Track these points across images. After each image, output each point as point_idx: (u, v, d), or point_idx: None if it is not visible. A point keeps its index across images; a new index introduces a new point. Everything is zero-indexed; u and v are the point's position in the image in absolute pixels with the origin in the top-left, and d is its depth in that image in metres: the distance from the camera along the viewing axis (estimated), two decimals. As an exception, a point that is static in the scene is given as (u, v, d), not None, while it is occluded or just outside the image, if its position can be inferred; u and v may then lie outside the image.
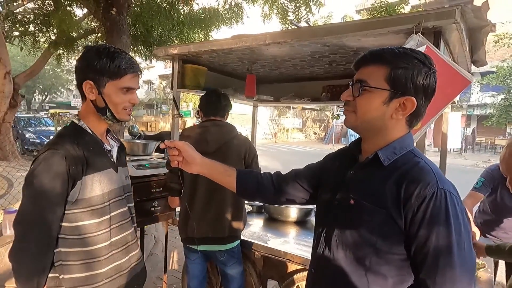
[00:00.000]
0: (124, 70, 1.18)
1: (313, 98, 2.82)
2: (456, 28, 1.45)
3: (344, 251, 0.96)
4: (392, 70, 0.89)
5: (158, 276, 3.34)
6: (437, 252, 0.81)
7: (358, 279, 0.93)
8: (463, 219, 0.84)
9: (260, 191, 1.24)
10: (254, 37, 1.93)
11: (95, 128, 1.25)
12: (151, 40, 7.37)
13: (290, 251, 2.00)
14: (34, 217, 1.09)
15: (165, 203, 2.26)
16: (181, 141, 1.17)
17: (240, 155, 2.01)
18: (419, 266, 0.85)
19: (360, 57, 0.96)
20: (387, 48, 0.93)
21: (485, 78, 15.87)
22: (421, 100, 0.91)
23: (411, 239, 0.85)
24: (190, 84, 2.43)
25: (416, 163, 0.91)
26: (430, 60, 0.92)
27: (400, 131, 0.95)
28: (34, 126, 12.86)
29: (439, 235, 0.81)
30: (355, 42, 1.78)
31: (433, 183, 0.84)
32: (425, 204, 0.83)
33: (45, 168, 1.09)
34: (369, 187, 0.94)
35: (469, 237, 0.84)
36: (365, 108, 0.93)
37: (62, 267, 1.15)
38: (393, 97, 0.90)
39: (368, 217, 0.91)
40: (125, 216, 1.31)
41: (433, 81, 0.91)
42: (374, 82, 0.91)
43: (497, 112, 16.62)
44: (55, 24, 6.11)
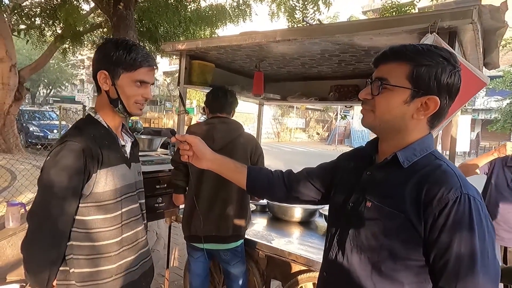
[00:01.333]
0: (140, 63, 1.18)
1: (320, 98, 2.79)
2: (472, 28, 1.42)
3: (358, 255, 0.92)
4: (415, 67, 0.84)
5: (159, 273, 3.32)
6: (459, 260, 0.77)
7: (373, 285, 0.89)
8: (487, 226, 0.79)
9: (271, 189, 1.21)
10: (263, 34, 1.91)
11: (110, 122, 1.25)
12: (158, 36, 7.36)
13: (294, 251, 1.98)
14: (49, 208, 1.09)
15: (169, 200, 2.24)
16: (192, 136, 1.15)
17: (246, 153, 1.99)
18: (438, 273, 0.81)
19: (380, 53, 0.91)
20: (409, 44, 0.88)
21: (491, 83, 15.75)
22: (445, 100, 0.86)
23: (431, 245, 0.81)
24: (197, 80, 2.41)
25: (438, 165, 0.86)
26: (455, 57, 0.87)
27: (420, 132, 0.91)
28: (38, 120, 12.88)
29: (461, 242, 0.77)
30: (367, 41, 1.74)
31: (457, 187, 0.80)
32: (448, 209, 0.78)
33: (63, 159, 1.09)
34: (387, 189, 0.89)
35: (493, 245, 0.79)
36: (385, 108, 0.89)
37: (72, 260, 1.15)
38: (415, 96, 0.85)
39: (385, 221, 0.87)
40: (136, 213, 1.31)
41: (457, 80, 0.86)
42: (395, 80, 0.86)
43: (502, 117, 16.50)
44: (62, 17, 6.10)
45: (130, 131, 1.42)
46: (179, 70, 2.43)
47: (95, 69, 1.20)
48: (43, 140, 9.36)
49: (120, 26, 5.05)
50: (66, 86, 34.92)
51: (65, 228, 1.12)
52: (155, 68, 1.24)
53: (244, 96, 2.76)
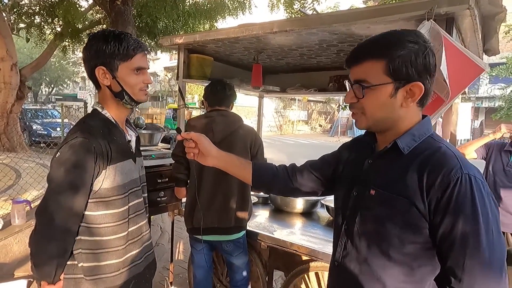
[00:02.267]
0: (133, 50, 1.18)
1: (320, 89, 2.78)
2: (469, 14, 1.40)
3: (367, 243, 0.94)
4: (389, 62, 0.85)
5: (164, 266, 3.37)
6: (465, 240, 0.78)
7: (384, 270, 0.91)
8: (490, 204, 0.80)
9: (276, 183, 1.23)
10: (260, 26, 1.90)
11: (116, 116, 1.25)
12: (156, 31, 7.34)
13: (296, 242, 1.99)
14: (59, 204, 1.10)
15: (171, 194, 2.26)
16: (198, 133, 1.16)
17: (246, 145, 2.00)
18: (445, 254, 0.83)
19: (350, 54, 0.92)
20: (375, 38, 0.89)
21: (494, 70, 15.56)
22: (427, 81, 0.87)
23: (436, 227, 0.82)
24: (196, 74, 2.41)
25: (438, 148, 0.87)
26: (422, 36, 0.88)
27: (414, 115, 0.92)
28: (41, 118, 12.95)
29: (465, 222, 0.78)
30: (364, 30, 1.73)
31: (457, 168, 0.81)
32: (450, 191, 0.79)
33: (74, 155, 1.10)
34: (389, 176, 0.91)
35: (497, 222, 0.81)
36: (373, 107, 0.90)
37: (81, 255, 1.17)
38: (399, 87, 0.87)
39: (390, 207, 0.88)
40: (141, 207, 1.33)
41: (432, 57, 0.87)
42: (374, 79, 0.87)
43: (506, 105, 16.34)
44: (60, 15, 6.09)
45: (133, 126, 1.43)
46: (178, 64, 2.43)
47: (90, 66, 1.19)
48: (47, 139, 9.40)
49: (118, 22, 5.04)
50: (68, 84, 35.01)
51: (74, 223, 1.14)
52: (147, 53, 1.25)
53: (243, 88, 2.76)
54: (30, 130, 11.71)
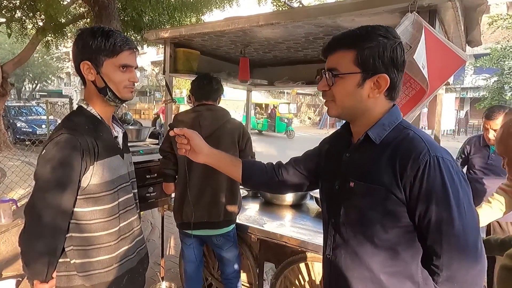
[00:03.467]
0: (120, 47, 1.17)
1: (307, 82, 2.79)
2: (451, 6, 1.42)
3: (353, 234, 0.97)
4: (359, 52, 0.90)
5: (155, 262, 3.36)
6: (439, 218, 0.83)
7: (371, 257, 0.94)
8: (460, 180, 0.85)
9: (264, 181, 1.27)
10: (246, 19, 1.89)
11: (102, 113, 1.25)
12: (142, 25, 7.22)
13: (286, 233, 2.01)
14: (47, 201, 1.09)
15: (160, 189, 2.25)
16: (190, 130, 1.19)
17: (234, 139, 2.00)
18: (424, 235, 0.87)
19: (326, 45, 0.97)
20: (349, 31, 0.94)
21: (478, 61, 15.86)
22: (393, 74, 0.92)
23: (413, 210, 0.87)
24: (182, 68, 2.39)
25: (406, 135, 0.92)
26: (393, 32, 0.93)
27: (382, 106, 0.96)
28: (26, 115, 12.65)
29: (438, 202, 0.83)
30: (350, 23, 1.74)
31: (425, 151, 0.85)
32: (420, 174, 0.84)
33: (59, 152, 1.09)
34: (365, 167, 0.95)
35: (468, 197, 0.86)
36: (342, 95, 0.95)
37: (73, 251, 1.17)
38: (366, 78, 0.91)
39: (370, 197, 0.92)
40: (130, 202, 1.33)
41: (400, 52, 0.92)
42: (344, 68, 0.92)
43: (489, 95, 16.69)
44: (42, 9, 5.93)
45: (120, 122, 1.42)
46: (164, 59, 2.41)
47: (76, 61, 1.19)
48: (32, 136, 9.20)
49: (102, 16, 4.94)
50: (52, 80, 34.24)
51: (63, 220, 1.13)
52: (135, 51, 1.24)
53: (231, 82, 2.75)
54: (14, 128, 11.46)
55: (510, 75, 15.25)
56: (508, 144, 1.17)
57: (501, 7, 20.67)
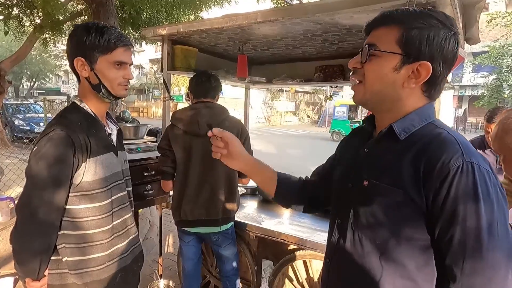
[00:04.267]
0: (114, 44, 1.16)
1: (306, 79, 2.79)
2: (449, 3, 1.42)
3: (359, 239, 0.86)
4: (405, 31, 0.78)
5: (154, 259, 3.37)
6: (465, 235, 0.71)
7: (376, 268, 0.83)
8: (497, 195, 0.72)
9: (298, 199, 1.17)
10: (244, 16, 1.88)
11: (95, 109, 1.24)
12: (140, 22, 7.18)
13: (284, 231, 2.01)
14: (38, 199, 1.08)
15: (158, 187, 2.25)
16: (231, 134, 1.08)
17: (232, 136, 1.99)
18: (444, 250, 0.75)
19: (372, 19, 0.85)
20: (401, 8, 0.82)
21: (477, 58, 15.87)
22: (439, 66, 0.78)
23: (434, 221, 0.74)
24: (180, 65, 2.38)
25: (438, 134, 0.78)
26: (451, 20, 0.79)
27: (416, 102, 0.83)
28: (23, 113, 12.64)
29: (466, 215, 0.70)
30: (348, 20, 1.74)
31: (458, 155, 0.72)
32: (449, 180, 0.71)
33: (51, 149, 1.08)
34: (383, 165, 0.83)
35: (504, 217, 0.72)
36: (374, 76, 0.82)
37: (65, 249, 1.16)
38: (406, 63, 0.78)
39: (384, 199, 0.80)
40: (124, 200, 1.32)
41: (453, 44, 0.78)
42: (384, 45, 0.80)
43: (488, 93, 16.73)
44: (40, 6, 5.89)
45: (116, 120, 1.42)
46: (162, 56, 2.40)
47: (70, 57, 1.18)
48: (30, 134, 9.18)
49: (100, 13, 4.91)
50: (50, 78, 34.12)
51: (55, 218, 1.12)
52: (131, 48, 1.23)
53: (229, 80, 2.74)
54: (12, 126, 11.44)
55: (508, 73, 15.29)
56: (503, 141, 1.17)
57: (500, 5, 20.66)
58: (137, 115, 26.89)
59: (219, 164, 1.96)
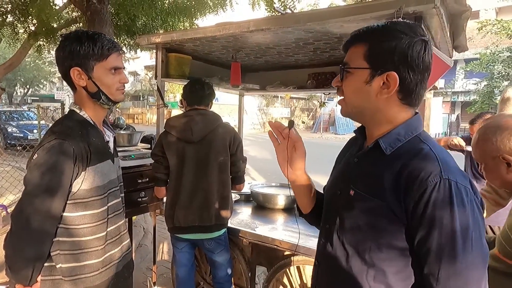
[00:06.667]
0: (108, 50, 1.19)
1: (299, 86, 2.82)
2: (436, 13, 1.46)
3: (344, 245, 0.90)
4: (370, 46, 0.84)
5: (148, 267, 3.35)
6: (440, 249, 0.74)
7: (359, 274, 0.87)
8: (473, 211, 0.75)
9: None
10: (237, 25, 1.91)
11: (94, 117, 1.25)
12: (135, 29, 7.20)
13: (278, 237, 2.02)
14: (36, 206, 1.09)
15: (152, 194, 2.25)
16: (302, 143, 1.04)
17: (225, 143, 2.01)
18: (422, 261, 0.78)
19: (345, 41, 0.92)
20: (368, 26, 0.87)
21: (469, 65, 16.09)
22: (407, 74, 0.81)
23: (413, 233, 0.78)
24: (174, 73, 2.40)
25: (420, 150, 0.82)
26: (414, 28, 0.83)
27: (397, 111, 0.87)
28: (17, 120, 12.54)
29: (441, 231, 0.74)
30: (338, 29, 1.78)
31: (436, 172, 0.76)
32: (427, 196, 0.75)
33: (52, 158, 1.09)
34: (369, 176, 0.87)
35: (479, 231, 0.76)
36: (350, 91, 0.89)
37: (59, 256, 1.16)
38: (374, 75, 0.83)
39: (367, 209, 0.85)
40: (119, 207, 1.34)
41: (419, 49, 0.81)
42: (354, 62, 0.87)
43: (480, 99, 16.91)
44: (34, 14, 5.91)
45: (112, 126, 1.43)
46: (156, 64, 2.42)
47: (64, 68, 1.19)
48: (23, 141, 9.11)
49: (95, 21, 4.92)
50: (44, 85, 33.96)
51: (52, 225, 1.13)
52: (122, 53, 1.26)
53: (223, 87, 2.77)
54: (5, 133, 11.35)
55: (499, 79, 15.49)
56: (483, 149, 1.16)
57: (490, 13, 21.04)
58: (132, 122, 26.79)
59: (212, 171, 1.99)
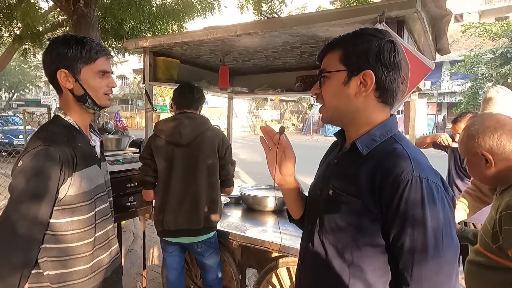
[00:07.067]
0: (97, 53, 1.19)
1: (287, 89, 2.85)
2: (418, 17, 1.50)
3: (324, 244, 0.93)
4: (344, 51, 0.90)
5: (138, 272, 3.32)
6: (413, 245, 0.78)
7: (340, 272, 0.90)
8: (443, 206, 0.79)
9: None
10: (225, 29, 1.93)
11: (80, 122, 1.24)
12: (123, 33, 7.15)
13: (267, 239, 2.04)
14: (23, 213, 1.07)
15: (141, 198, 2.24)
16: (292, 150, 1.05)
17: (213, 147, 2.02)
18: (397, 257, 0.82)
19: (319, 51, 0.97)
20: (340, 35, 0.94)
21: (454, 67, 16.42)
22: (380, 71, 0.87)
23: (388, 230, 0.82)
24: (162, 77, 2.40)
25: (393, 149, 0.86)
26: (382, 31, 0.91)
27: (375, 111, 0.91)
28: (2, 126, 12.28)
29: (414, 227, 0.78)
30: (324, 32, 1.81)
31: (408, 170, 0.79)
32: (400, 193, 0.78)
33: (38, 164, 1.08)
34: (347, 176, 0.91)
35: (450, 226, 0.80)
36: (330, 95, 0.92)
37: (47, 263, 1.15)
38: (351, 76, 0.88)
39: (345, 208, 0.88)
40: (107, 212, 1.33)
41: (389, 50, 0.87)
42: (331, 67, 0.92)
43: (465, 99, 17.26)
44: (19, 17, 5.82)
45: (99, 131, 1.42)
46: (144, 67, 2.42)
47: (51, 70, 1.18)
48: (8, 147, 8.92)
49: (81, 25, 4.88)
50: (30, 89, 33.33)
51: (39, 232, 1.11)
52: (110, 57, 1.26)
53: (211, 90, 2.78)
54: (-10, 139, 11.08)
55: (483, 81, 15.84)
56: (466, 145, 1.28)
57: (473, 16, 21.57)
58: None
59: (201, 174, 1.99)
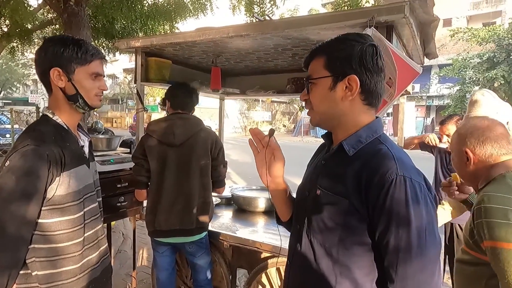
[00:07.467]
0: (92, 56, 1.20)
1: (278, 91, 2.87)
2: (406, 22, 1.54)
3: (312, 243, 0.95)
4: (328, 57, 0.92)
5: (127, 273, 3.30)
6: (397, 241, 0.81)
7: (328, 270, 0.91)
8: (426, 204, 0.82)
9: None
10: (217, 30, 1.94)
11: (68, 121, 1.24)
12: (114, 32, 7.10)
13: (258, 239, 2.05)
14: (10, 213, 1.07)
15: (131, 198, 2.24)
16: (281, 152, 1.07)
17: (206, 148, 2.03)
18: (383, 255, 0.85)
19: (305, 58, 1.00)
20: (323, 42, 0.97)
21: (442, 71, 16.71)
22: (364, 75, 0.90)
23: (374, 228, 0.84)
24: (154, 77, 2.40)
25: (379, 150, 0.89)
26: (364, 36, 0.94)
27: (361, 113, 0.94)
28: (-12, 125, 12.03)
29: (398, 225, 0.80)
30: (315, 35, 1.84)
31: (393, 170, 0.82)
32: (384, 192, 0.81)
33: (26, 163, 1.07)
34: (334, 176, 0.93)
35: (433, 224, 0.82)
36: (317, 100, 0.95)
37: (35, 263, 1.14)
38: (337, 81, 0.91)
39: (332, 208, 0.90)
40: (96, 212, 1.33)
41: (371, 54, 0.90)
42: (317, 73, 0.94)
43: (453, 103, 17.56)
44: (7, 15, 5.74)
45: (88, 131, 1.42)
46: (135, 68, 2.41)
47: (43, 68, 1.19)
48: (-5, 146, 8.76)
49: (72, 23, 4.83)
50: (17, 87, 32.77)
51: (27, 232, 1.11)
52: (105, 61, 1.27)
53: (203, 91, 2.78)
54: (-24, 138, 10.84)
55: (471, 84, 16.15)
56: (454, 141, 1.36)
57: (461, 20, 22.00)
58: (110, 126, 26.26)
59: (194, 175, 2.00)
